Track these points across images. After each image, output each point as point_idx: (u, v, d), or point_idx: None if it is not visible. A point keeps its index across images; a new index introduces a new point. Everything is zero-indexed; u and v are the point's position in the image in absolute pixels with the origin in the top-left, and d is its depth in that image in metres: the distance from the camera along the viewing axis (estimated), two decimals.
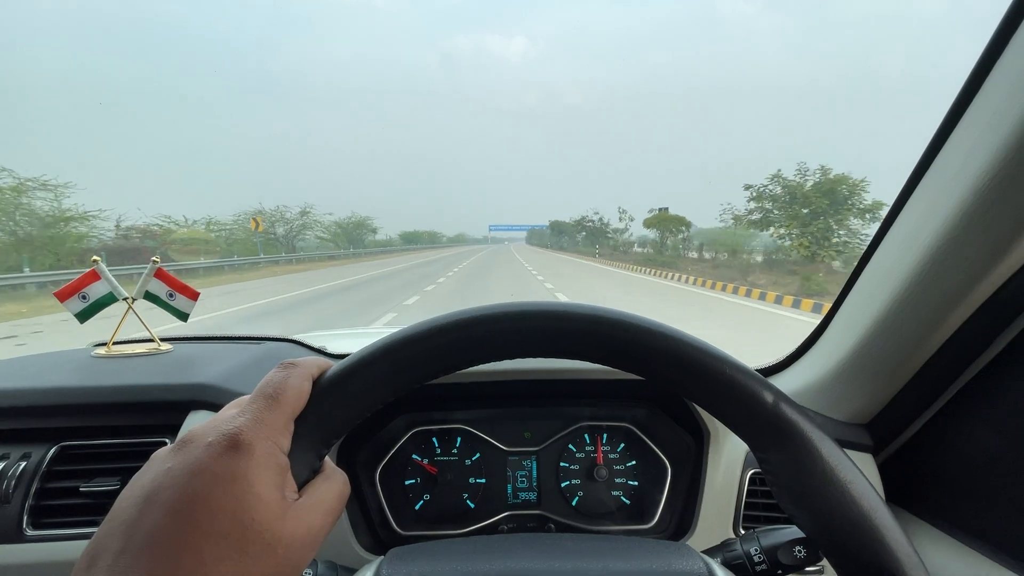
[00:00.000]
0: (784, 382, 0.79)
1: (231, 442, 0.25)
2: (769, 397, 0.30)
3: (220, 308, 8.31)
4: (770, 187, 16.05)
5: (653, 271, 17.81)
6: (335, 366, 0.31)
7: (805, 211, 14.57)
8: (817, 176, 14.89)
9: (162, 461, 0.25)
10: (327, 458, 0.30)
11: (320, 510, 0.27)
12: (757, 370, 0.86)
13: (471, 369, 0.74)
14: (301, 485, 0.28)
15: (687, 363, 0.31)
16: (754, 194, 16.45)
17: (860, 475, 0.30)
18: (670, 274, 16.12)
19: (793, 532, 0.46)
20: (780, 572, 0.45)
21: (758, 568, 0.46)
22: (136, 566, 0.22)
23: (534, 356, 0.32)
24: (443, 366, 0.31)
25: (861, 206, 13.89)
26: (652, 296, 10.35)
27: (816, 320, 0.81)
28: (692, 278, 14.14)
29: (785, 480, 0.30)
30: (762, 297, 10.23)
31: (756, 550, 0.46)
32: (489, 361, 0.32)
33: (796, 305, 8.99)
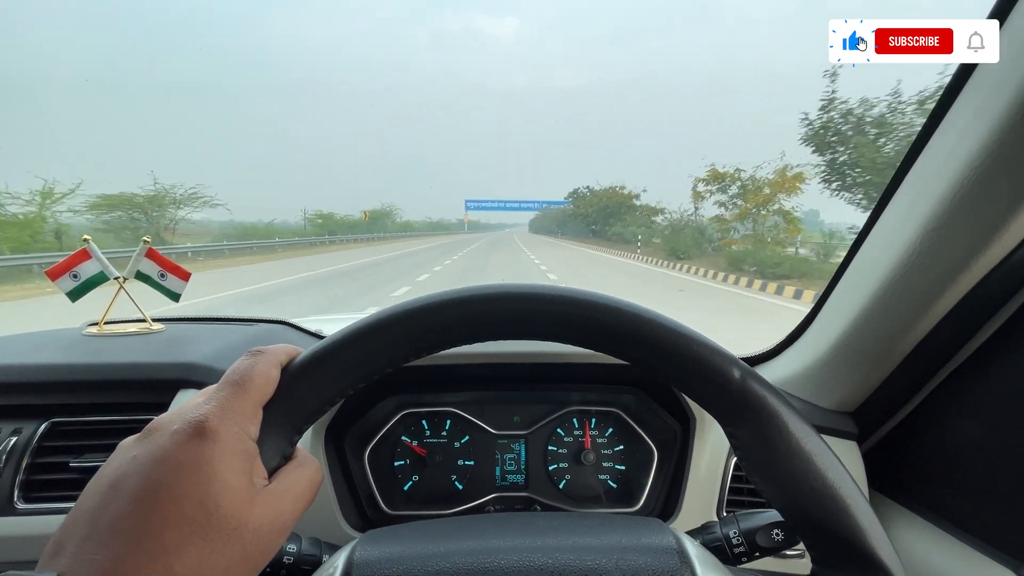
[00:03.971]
0: (772, 371, 0.80)
1: (196, 429, 0.25)
2: (736, 373, 0.30)
3: None
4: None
5: None
6: (304, 352, 0.31)
7: None
8: None
9: (127, 450, 0.26)
10: (299, 445, 0.30)
11: (289, 496, 0.27)
12: (746, 358, 0.86)
13: (459, 352, 0.74)
14: (272, 471, 0.28)
15: (656, 341, 0.31)
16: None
17: (826, 447, 0.30)
18: None
19: (772, 515, 0.46)
20: (758, 554, 0.46)
21: (736, 550, 0.46)
22: (100, 552, 0.22)
23: (506, 338, 0.32)
24: (413, 351, 0.31)
25: None
26: None
27: None
28: None
29: (754, 454, 0.31)
30: None
31: (735, 532, 0.46)
32: (461, 344, 0.32)
33: None
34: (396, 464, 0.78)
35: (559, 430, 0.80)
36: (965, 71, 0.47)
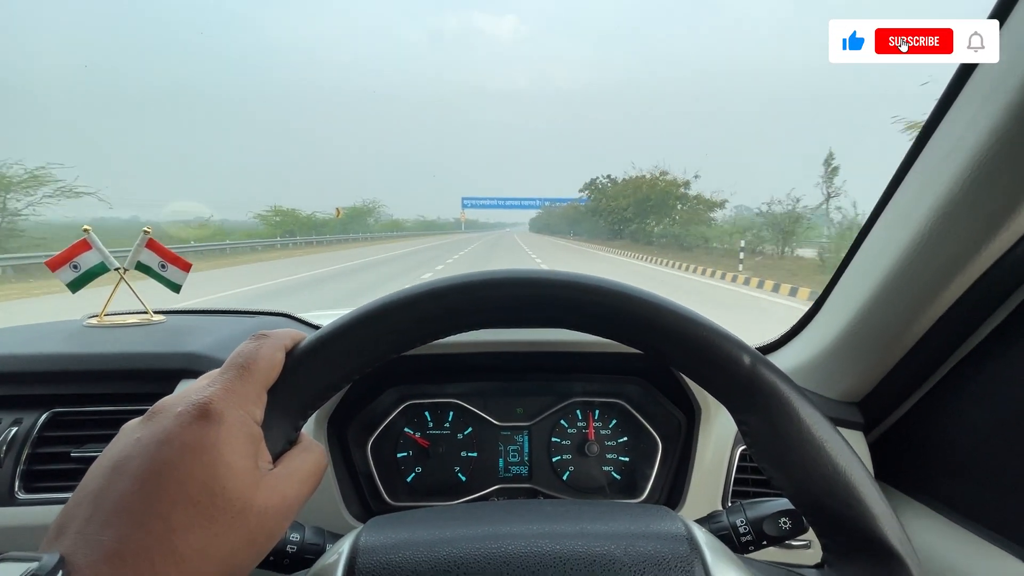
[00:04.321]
0: (778, 361, 0.80)
1: (201, 411, 0.25)
2: (747, 359, 0.30)
3: None
4: None
5: None
6: (309, 336, 0.30)
7: None
8: None
9: (132, 431, 0.25)
10: (304, 430, 0.30)
11: (294, 480, 0.27)
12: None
13: (462, 340, 0.74)
14: (276, 456, 0.28)
15: (665, 327, 0.30)
16: None
17: (837, 434, 0.30)
18: None
19: (778, 504, 0.47)
20: (765, 543, 0.46)
21: (743, 539, 0.46)
22: (104, 533, 0.22)
23: (512, 325, 0.32)
24: (418, 336, 0.31)
25: None
26: None
27: None
28: None
29: (764, 441, 0.31)
30: None
31: (742, 521, 0.46)
32: (466, 330, 0.32)
33: None
34: (399, 455, 0.78)
35: (563, 421, 0.80)
36: (965, 70, 0.48)
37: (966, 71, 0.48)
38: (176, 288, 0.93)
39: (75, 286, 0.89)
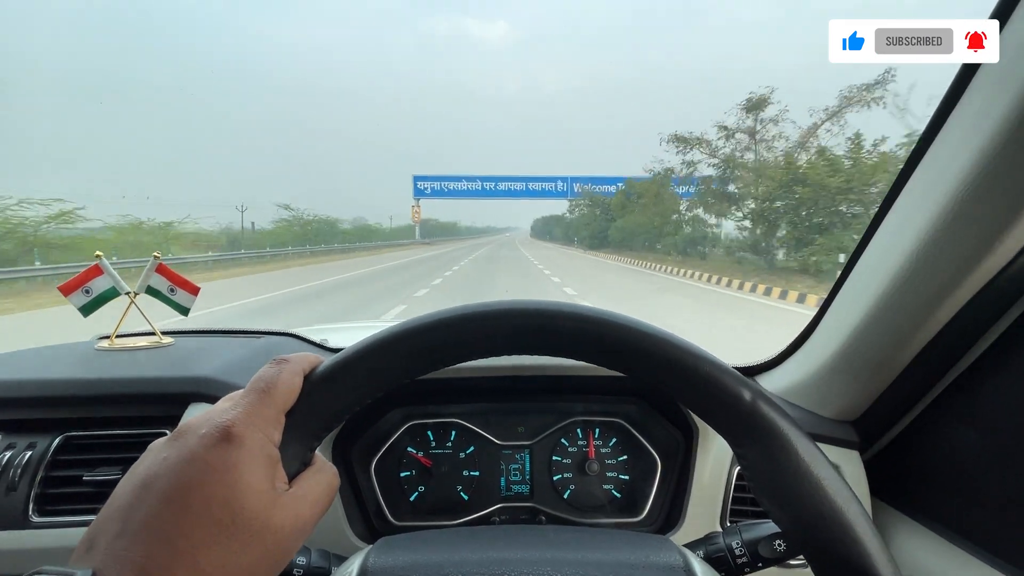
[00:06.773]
0: (773, 380, 0.80)
1: (223, 434, 0.26)
2: (747, 395, 0.31)
3: None
4: None
5: None
6: (326, 362, 0.32)
7: None
8: None
9: (159, 451, 0.27)
10: (318, 452, 0.31)
11: (308, 501, 0.28)
12: (749, 367, 0.85)
13: (465, 364, 0.74)
14: (291, 477, 0.29)
15: (667, 361, 0.31)
16: None
17: (834, 472, 0.30)
18: None
19: (774, 526, 0.46)
20: (761, 565, 0.46)
21: (739, 561, 0.46)
22: (132, 548, 0.23)
23: (520, 353, 0.33)
24: (432, 363, 0.32)
25: None
26: None
27: None
28: None
29: (761, 475, 0.31)
30: None
31: (738, 543, 0.46)
32: (477, 358, 0.33)
33: None
34: (402, 475, 0.78)
35: (563, 440, 0.80)
36: (966, 74, 0.47)
37: (963, 79, 0.47)
38: (185, 311, 0.96)
39: (87, 310, 0.91)
